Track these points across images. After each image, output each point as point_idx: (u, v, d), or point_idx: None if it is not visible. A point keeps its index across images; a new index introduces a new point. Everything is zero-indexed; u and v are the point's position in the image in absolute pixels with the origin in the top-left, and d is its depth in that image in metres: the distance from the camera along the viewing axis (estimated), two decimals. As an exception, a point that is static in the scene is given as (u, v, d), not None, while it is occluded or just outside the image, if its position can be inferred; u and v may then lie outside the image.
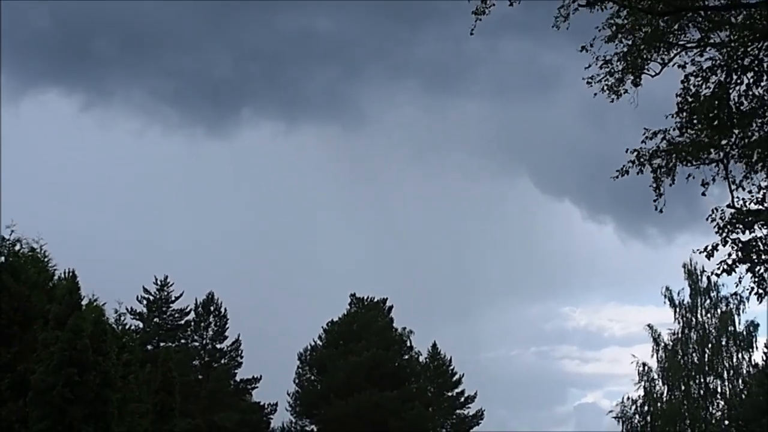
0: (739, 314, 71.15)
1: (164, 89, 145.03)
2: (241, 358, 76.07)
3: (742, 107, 21.76)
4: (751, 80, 21.73)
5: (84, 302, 42.28)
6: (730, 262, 21.98)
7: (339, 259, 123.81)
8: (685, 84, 21.92)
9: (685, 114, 21.83)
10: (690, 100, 21.77)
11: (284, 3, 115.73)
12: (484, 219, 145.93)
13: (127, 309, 67.18)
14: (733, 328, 70.95)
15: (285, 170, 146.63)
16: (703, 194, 22.28)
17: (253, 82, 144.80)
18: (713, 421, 70.18)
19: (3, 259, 43.81)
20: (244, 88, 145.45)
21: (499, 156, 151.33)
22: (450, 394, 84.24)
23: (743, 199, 22.30)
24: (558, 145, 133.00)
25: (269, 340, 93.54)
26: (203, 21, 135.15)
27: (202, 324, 75.56)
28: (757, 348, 70.08)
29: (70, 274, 42.94)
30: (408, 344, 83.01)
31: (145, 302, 73.74)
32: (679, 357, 71.49)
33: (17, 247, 44.74)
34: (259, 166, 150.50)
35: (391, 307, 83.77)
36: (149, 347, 68.18)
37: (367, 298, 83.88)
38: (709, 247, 22.17)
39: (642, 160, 22.24)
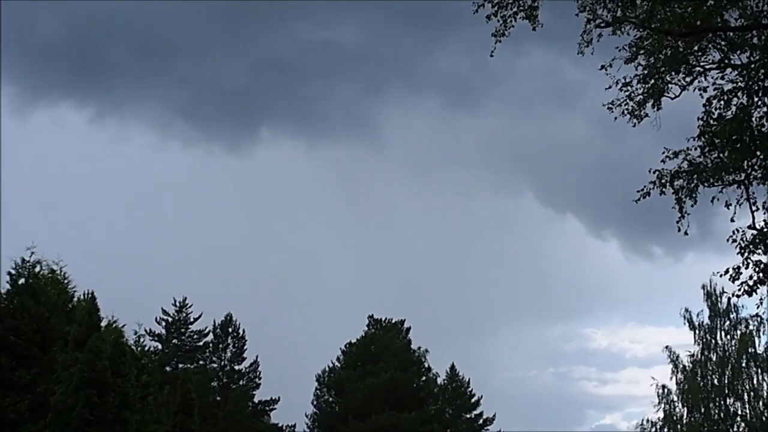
0: (759, 336, 70.67)
1: (180, 102, 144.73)
2: (260, 379, 76.15)
3: (763, 129, 21.70)
4: (773, 102, 21.68)
5: (103, 323, 42.36)
6: (750, 283, 21.88)
7: (356, 280, 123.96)
8: (707, 107, 21.90)
9: (707, 137, 21.79)
10: (712, 123, 21.73)
11: (302, 13, 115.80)
12: (498, 236, 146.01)
13: (146, 330, 67.35)
14: (753, 350, 70.45)
15: (301, 189, 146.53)
16: (732, 219, 22.18)
17: (268, 94, 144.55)
18: (734, 444, 69.67)
19: (23, 280, 43.95)
20: (259, 99, 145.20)
21: (508, 172, 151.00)
22: (468, 416, 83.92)
23: (764, 220, 22.25)
24: (566, 161, 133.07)
25: (287, 362, 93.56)
26: (219, 30, 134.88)
27: (221, 345, 75.64)
28: (777, 369, 69.66)
29: (90, 295, 43.08)
30: (426, 365, 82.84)
31: (163, 324, 73.98)
32: (699, 379, 71.05)
33: (37, 269, 44.87)
34: (275, 185, 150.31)
35: (408, 329, 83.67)
36: (168, 369, 68.29)
37: (385, 319, 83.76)
38: (730, 269, 22.09)
39: (663, 181, 22.20)
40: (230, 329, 76.27)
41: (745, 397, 70.26)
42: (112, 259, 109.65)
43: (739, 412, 70.34)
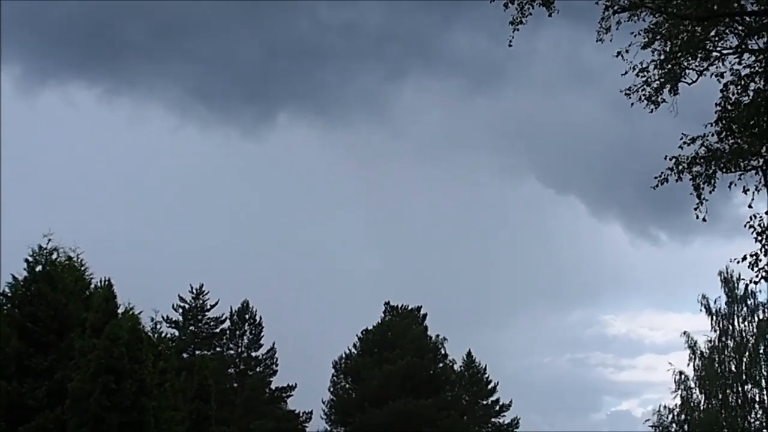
0: (776, 322, 70.40)
1: (195, 82, 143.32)
2: (276, 366, 76.38)
3: (781, 114, 21.57)
4: (791, 87, 21.56)
5: (120, 310, 42.46)
6: (768, 269, 21.78)
7: (373, 266, 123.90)
8: (725, 92, 21.80)
9: (724, 122, 21.69)
10: (729, 108, 21.63)
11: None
12: (510, 221, 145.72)
13: (162, 317, 67.71)
14: (770, 336, 70.25)
15: (318, 175, 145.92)
16: (750, 206, 22.06)
17: (284, 76, 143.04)
18: (752, 430, 69.42)
19: (40, 267, 44.07)
20: (275, 81, 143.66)
21: (518, 156, 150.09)
22: (485, 402, 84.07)
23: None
24: (575, 145, 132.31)
25: (304, 349, 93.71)
26: (236, 8, 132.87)
27: (238, 332, 75.92)
28: (795, 356, 69.38)
29: (106, 282, 43.18)
30: (443, 352, 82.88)
31: (180, 310, 74.19)
32: (716, 365, 70.81)
33: (54, 256, 44.97)
34: (291, 170, 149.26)
35: (425, 315, 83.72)
36: (185, 355, 68.47)
37: (402, 306, 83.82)
38: (748, 256, 21.99)
39: (681, 167, 22.08)
40: (247, 316, 76.53)
41: (763, 383, 70.01)
42: (127, 244, 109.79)
43: (757, 399, 70.14)
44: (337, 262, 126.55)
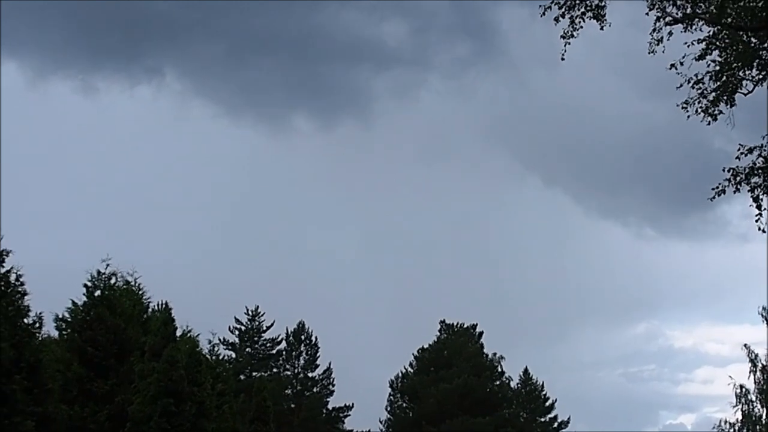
0: (838, 334, 69.34)
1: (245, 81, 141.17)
2: (333, 386, 76.61)
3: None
4: None
5: (178, 333, 42.76)
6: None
7: (428, 284, 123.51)
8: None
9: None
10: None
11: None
12: (562, 239, 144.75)
13: (219, 339, 68.04)
14: (832, 348, 69.19)
15: (361, 190, 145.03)
16: None
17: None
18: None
19: (99, 292, 44.54)
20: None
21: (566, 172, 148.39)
22: (543, 419, 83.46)
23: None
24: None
25: (360, 368, 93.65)
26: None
27: (294, 353, 76.20)
28: None
29: (164, 305, 43.55)
30: (499, 370, 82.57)
31: (237, 332, 74.63)
32: (777, 378, 69.86)
33: (113, 281, 45.44)
34: (338, 188, 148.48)
35: (481, 333, 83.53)
36: (242, 377, 68.79)
37: (457, 324, 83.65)
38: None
39: (738, 178, 21.85)
40: (303, 337, 76.78)
41: (826, 396, 68.92)
42: (182, 267, 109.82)
43: (820, 412, 69.03)
44: (391, 280, 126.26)
